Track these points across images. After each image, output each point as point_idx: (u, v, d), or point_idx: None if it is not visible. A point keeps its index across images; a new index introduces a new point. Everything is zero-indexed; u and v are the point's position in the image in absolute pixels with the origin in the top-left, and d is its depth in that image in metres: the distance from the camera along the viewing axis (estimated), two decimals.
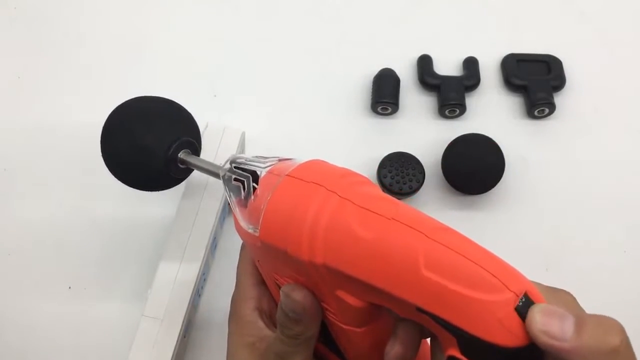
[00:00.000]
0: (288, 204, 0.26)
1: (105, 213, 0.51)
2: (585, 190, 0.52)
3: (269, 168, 0.29)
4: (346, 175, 0.27)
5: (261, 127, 0.54)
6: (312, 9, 0.61)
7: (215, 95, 0.56)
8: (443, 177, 0.51)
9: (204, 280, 0.47)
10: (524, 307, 0.22)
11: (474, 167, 0.50)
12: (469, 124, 0.54)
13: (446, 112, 0.54)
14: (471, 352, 0.23)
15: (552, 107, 0.54)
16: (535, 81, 0.55)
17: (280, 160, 0.30)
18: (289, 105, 0.56)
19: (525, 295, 0.22)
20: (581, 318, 0.22)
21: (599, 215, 0.51)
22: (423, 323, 0.25)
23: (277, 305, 0.33)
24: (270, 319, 0.34)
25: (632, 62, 0.58)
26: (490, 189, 0.50)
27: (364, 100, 0.56)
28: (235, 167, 0.31)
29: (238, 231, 0.31)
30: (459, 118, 0.55)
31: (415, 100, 0.56)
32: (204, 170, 0.37)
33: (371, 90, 0.55)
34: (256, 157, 0.31)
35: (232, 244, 0.49)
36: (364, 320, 0.28)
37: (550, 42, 0.58)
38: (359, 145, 0.54)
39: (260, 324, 0.33)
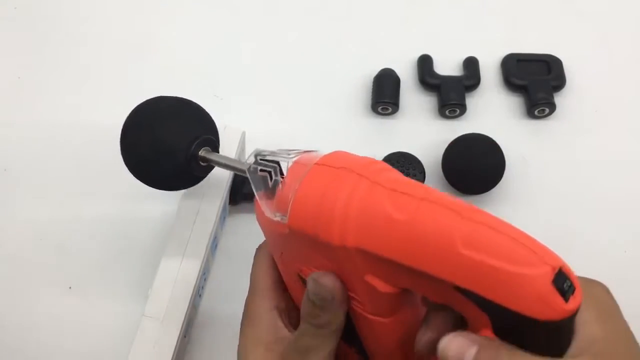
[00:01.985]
0: (318, 189, 0.27)
1: (106, 213, 0.51)
2: (585, 190, 0.52)
3: (295, 158, 0.30)
4: (372, 162, 0.28)
5: (261, 126, 0.54)
6: (313, 9, 0.61)
7: (215, 95, 0.56)
8: (443, 177, 0.51)
9: (204, 280, 0.47)
10: (559, 281, 0.22)
11: (474, 167, 0.50)
12: (469, 124, 0.54)
13: (446, 112, 0.54)
14: (506, 330, 0.23)
15: (552, 107, 0.54)
16: (535, 81, 0.55)
17: (304, 152, 0.31)
18: (289, 105, 0.56)
19: (560, 270, 0.23)
20: (481, 350, 0.23)
21: (599, 215, 0.51)
22: (455, 306, 0.25)
23: (295, 306, 0.33)
24: (289, 320, 0.33)
25: (632, 62, 0.58)
26: (490, 189, 0.50)
27: (364, 100, 0.56)
28: (260, 160, 0.31)
29: (262, 224, 0.31)
30: (459, 118, 0.55)
31: (415, 101, 0.56)
32: (226, 166, 0.37)
33: (371, 90, 0.55)
34: (280, 150, 0.32)
35: (233, 244, 0.49)
36: (391, 309, 0.28)
37: (550, 42, 0.58)
38: (359, 145, 0.54)
39: (280, 323, 0.32)
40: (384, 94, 0.54)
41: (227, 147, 0.47)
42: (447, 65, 0.57)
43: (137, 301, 0.45)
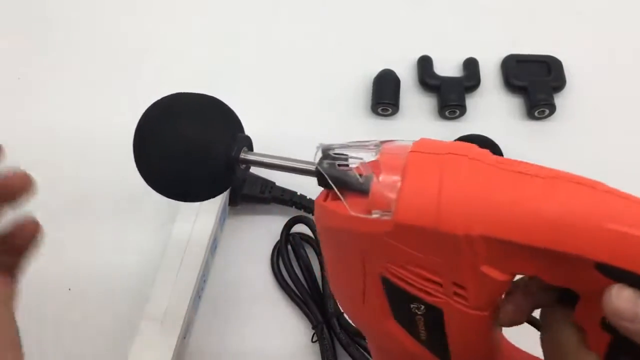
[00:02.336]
0: (429, 178, 0.25)
1: (105, 214, 0.51)
2: None
3: (381, 149, 0.27)
4: (471, 146, 0.26)
5: (261, 127, 0.54)
6: (313, 10, 0.61)
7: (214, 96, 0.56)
8: None
9: (204, 281, 0.47)
10: None
11: None
12: (469, 125, 0.54)
13: (446, 113, 0.54)
14: None
15: (552, 108, 0.54)
16: (536, 82, 0.55)
17: (382, 142, 0.28)
18: (289, 106, 0.56)
19: None
20: None
21: None
22: (583, 285, 0.24)
23: None
24: None
25: (632, 63, 0.58)
26: None
27: (364, 101, 0.56)
28: (334, 154, 0.28)
29: (339, 225, 0.28)
30: (459, 119, 0.55)
31: (415, 101, 0.56)
32: (279, 167, 0.31)
33: (371, 91, 0.55)
34: (350, 142, 0.29)
35: (232, 245, 0.49)
36: (496, 299, 0.27)
37: (550, 42, 0.58)
38: None
39: None
40: (384, 94, 0.54)
41: None
42: (447, 66, 0.57)
43: (137, 302, 0.45)
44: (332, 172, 0.28)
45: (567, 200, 0.23)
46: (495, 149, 0.50)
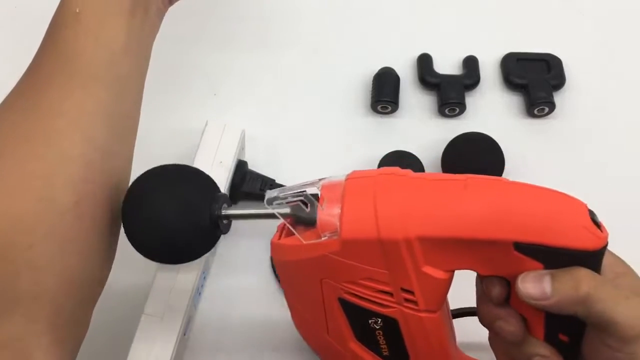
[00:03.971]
0: (365, 196, 0.28)
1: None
2: (585, 189, 0.51)
3: (320, 184, 0.31)
4: (396, 168, 0.30)
5: (261, 125, 0.54)
6: (312, 8, 0.61)
7: (215, 94, 0.57)
8: None
9: (204, 278, 0.47)
10: (592, 215, 0.27)
11: (474, 166, 0.50)
12: (468, 123, 0.55)
13: (446, 111, 0.54)
14: None
15: (551, 106, 0.54)
16: (535, 80, 0.55)
17: (318, 179, 0.32)
18: (289, 104, 0.56)
19: (588, 207, 0.27)
20: (555, 275, 0.26)
21: (598, 214, 0.51)
22: (508, 269, 0.27)
23: None
24: None
25: (632, 62, 0.58)
26: None
27: (364, 99, 0.56)
28: (281, 195, 0.32)
29: (295, 256, 0.31)
30: (458, 117, 0.55)
31: (415, 99, 0.56)
32: (252, 215, 0.36)
33: (371, 89, 0.55)
34: (292, 185, 0.32)
35: (232, 244, 0.50)
36: (441, 299, 0.30)
37: (550, 41, 0.58)
38: (359, 144, 0.54)
39: None
40: (384, 92, 0.54)
41: (227, 146, 0.47)
42: (447, 64, 0.57)
43: (137, 299, 0.45)
44: (282, 209, 0.31)
45: (479, 194, 0.27)
46: (494, 147, 0.50)
